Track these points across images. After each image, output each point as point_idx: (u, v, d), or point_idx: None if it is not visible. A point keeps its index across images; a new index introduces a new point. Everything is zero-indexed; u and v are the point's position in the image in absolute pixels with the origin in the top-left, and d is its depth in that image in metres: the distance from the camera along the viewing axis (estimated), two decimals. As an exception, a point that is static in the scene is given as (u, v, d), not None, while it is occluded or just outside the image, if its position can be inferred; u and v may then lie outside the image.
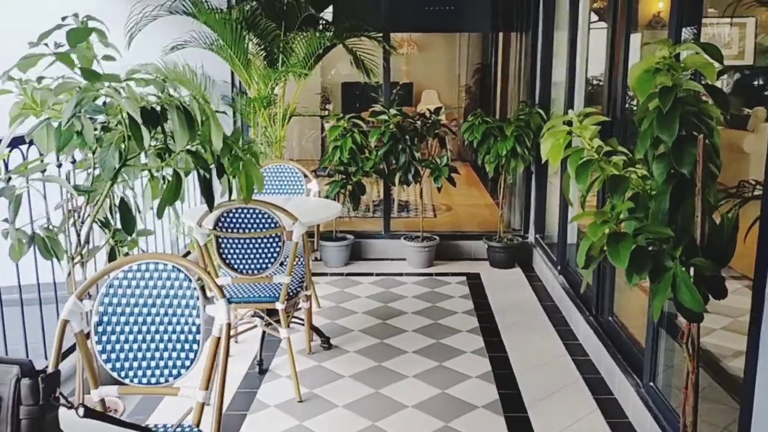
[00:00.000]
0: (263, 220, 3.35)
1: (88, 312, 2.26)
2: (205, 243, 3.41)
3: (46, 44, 2.45)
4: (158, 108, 2.50)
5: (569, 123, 2.41)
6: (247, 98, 5.41)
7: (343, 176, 5.66)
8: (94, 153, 2.65)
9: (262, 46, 5.19)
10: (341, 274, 5.60)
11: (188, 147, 2.61)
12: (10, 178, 2.55)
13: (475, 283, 5.40)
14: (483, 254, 5.98)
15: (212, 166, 2.67)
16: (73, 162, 2.98)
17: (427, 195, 7.33)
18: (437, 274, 5.61)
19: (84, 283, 2.26)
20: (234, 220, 3.35)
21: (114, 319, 2.21)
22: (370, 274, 5.60)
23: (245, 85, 5.43)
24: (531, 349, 4.10)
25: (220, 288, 2.22)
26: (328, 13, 5.70)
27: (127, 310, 2.23)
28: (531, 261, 5.91)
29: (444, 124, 5.78)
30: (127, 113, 2.42)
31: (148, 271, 2.27)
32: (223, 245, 3.41)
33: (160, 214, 2.65)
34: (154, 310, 2.23)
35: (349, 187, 5.65)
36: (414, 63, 11.52)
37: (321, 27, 5.02)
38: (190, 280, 2.25)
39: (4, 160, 2.69)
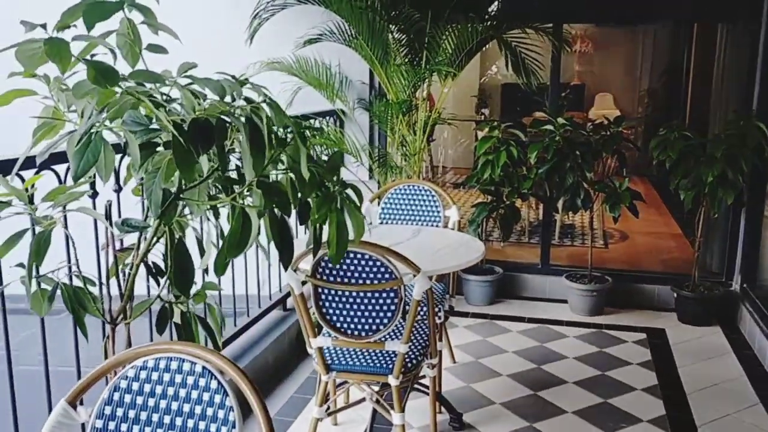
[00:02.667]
0: (375, 269, 2.49)
1: (84, 425, 1.53)
2: (302, 292, 2.62)
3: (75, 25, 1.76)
4: (215, 120, 1.71)
5: None
6: (384, 101, 4.60)
7: (493, 197, 4.68)
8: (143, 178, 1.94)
9: (403, 41, 4.35)
10: (485, 316, 4.63)
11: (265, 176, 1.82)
12: (35, 209, 1.90)
13: (658, 344, 4.18)
14: (669, 303, 4.71)
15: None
16: (118, 189, 2.31)
17: (597, 220, 6.11)
18: (608, 327, 4.44)
19: (77, 384, 1.53)
20: (337, 267, 2.52)
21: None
22: (521, 319, 4.57)
23: (384, 87, 4.62)
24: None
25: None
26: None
27: (135, 429, 1.47)
28: (735, 318, 4.55)
29: (626, 138, 4.59)
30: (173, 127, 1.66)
31: (167, 371, 1.49)
32: (323, 297, 2.59)
33: (218, 271, 1.88)
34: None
35: (500, 211, 4.66)
36: (587, 62, 10.17)
37: (474, 16, 4.05)
38: (225, 393, 1.44)
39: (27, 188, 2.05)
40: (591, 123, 8.87)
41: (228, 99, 1.76)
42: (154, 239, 1.94)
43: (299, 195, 1.86)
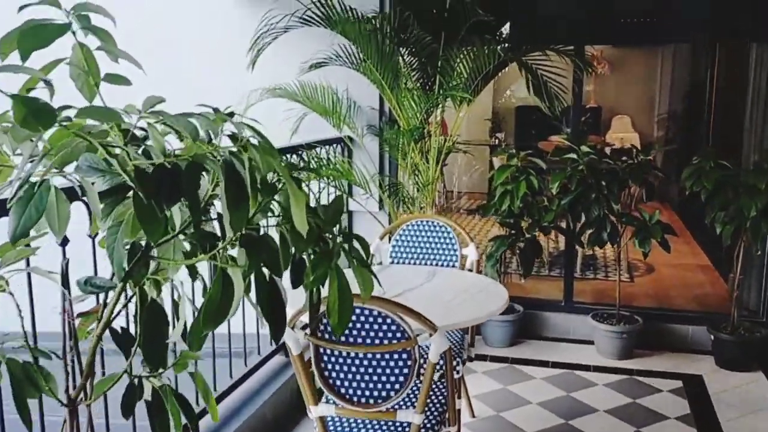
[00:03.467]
0: (385, 327, 2.16)
1: None
2: (301, 352, 2.29)
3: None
4: (185, 165, 1.40)
5: None
6: (396, 128, 4.30)
7: (512, 230, 4.34)
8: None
9: (415, 64, 4.06)
10: (505, 360, 4.26)
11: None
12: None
13: (696, 393, 3.80)
14: (703, 345, 4.34)
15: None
16: (92, 237, 1.99)
17: (622, 252, 5.74)
18: (639, 373, 4.07)
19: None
20: (341, 324, 2.19)
21: None
22: (545, 364, 4.21)
23: (395, 113, 4.32)
24: None
25: None
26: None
27: None
28: (779, 362, 4.17)
29: (655, 166, 4.26)
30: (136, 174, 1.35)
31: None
32: (325, 358, 2.26)
33: (193, 346, 1.55)
34: None
35: (520, 245, 4.32)
36: (603, 83, 9.85)
37: (490, 38, 3.74)
38: None
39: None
40: (609, 146, 8.57)
41: (216, 136, 1.46)
42: (119, 304, 1.62)
43: (292, 251, 1.54)
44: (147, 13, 5.29)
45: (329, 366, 2.25)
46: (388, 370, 2.20)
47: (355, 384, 2.24)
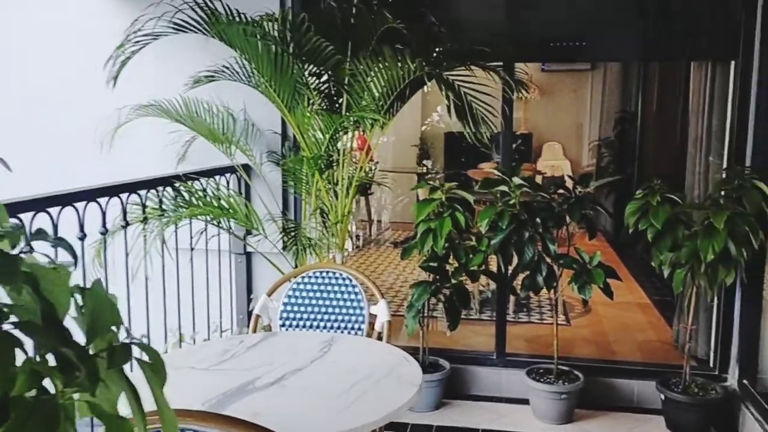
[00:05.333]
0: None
1: None
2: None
3: None
4: None
5: None
6: (298, 156, 3.64)
7: (436, 275, 3.73)
8: None
9: (317, 82, 3.42)
10: (429, 430, 3.61)
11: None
12: None
13: (649, 468, 3.25)
14: (651, 402, 3.82)
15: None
16: None
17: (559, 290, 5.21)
18: (582, 441, 3.50)
19: None
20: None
21: None
22: (475, 432, 3.59)
23: (298, 137, 3.65)
24: None
25: None
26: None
27: None
28: (736, 422, 3.67)
29: (595, 200, 3.74)
30: None
31: None
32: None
33: None
34: None
35: (445, 293, 3.71)
36: (533, 110, 9.50)
37: (403, 48, 3.12)
38: None
39: None
40: (541, 175, 8.16)
41: None
42: None
43: None
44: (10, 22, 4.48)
45: None
46: None
47: None
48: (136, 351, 0.78)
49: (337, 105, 3.48)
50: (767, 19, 3.51)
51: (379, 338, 2.60)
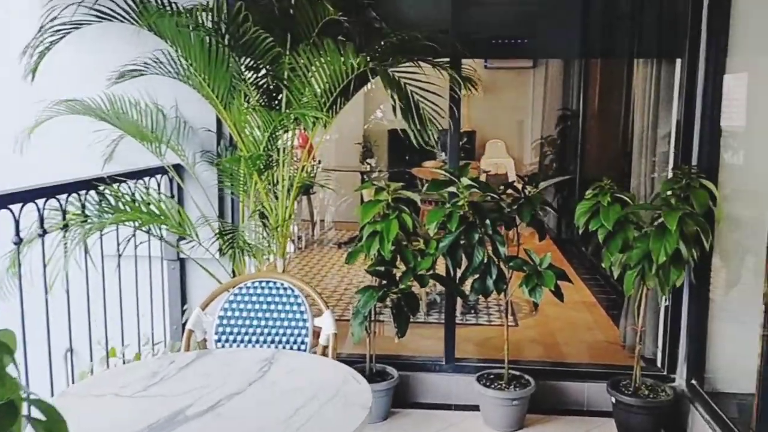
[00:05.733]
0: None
1: None
2: None
3: None
4: None
5: None
6: (234, 155, 3.41)
7: (384, 280, 3.57)
8: None
9: (256, 74, 3.20)
10: (377, 442, 3.46)
11: None
12: None
13: (602, 474, 3.18)
14: (602, 404, 3.76)
15: None
16: None
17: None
18: (535, 449, 3.40)
19: None
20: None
21: None
22: (424, 444, 3.44)
23: (234, 135, 3.42)
24: None
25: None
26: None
27: None
28: (685, 423, 3.65)
29: (546, 201, 3.65)
30: None
31: None
32: None
33: None
34: None
35: (393, 298, 3.55)
36: (477, 107, 9.46)
37: (345, 40, 2.92)
38: None
39: None
40: (485, 173, 8.10)
41: None
42: None
43: None
44: None
45: None
46: None
47: None
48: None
49: (276, 101, 3.27)
50: (713, 17, 3.48)
51: (324, 353, 2.41)
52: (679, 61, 3.77)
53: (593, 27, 4.15)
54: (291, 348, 2.47)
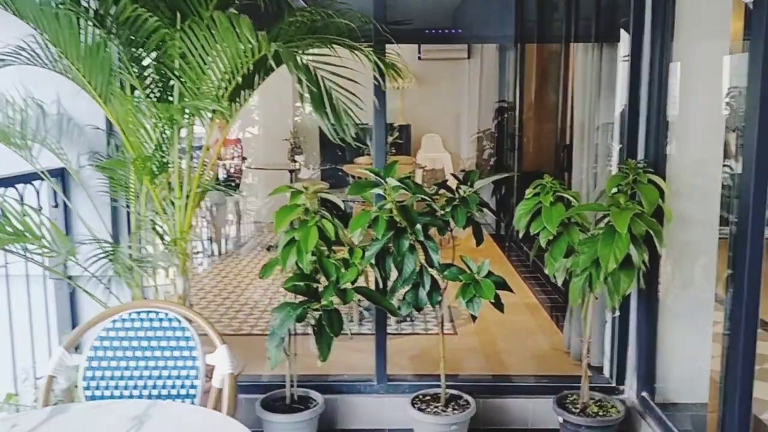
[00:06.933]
0: None
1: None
2: None
3: None
4: None
5: None
6: (121, 157, 2.91)
7: (303, 296, 3.14)
8: None
9: (140, 63, 2.70)
10: (298, 482, 3.02)
11: None
12: None
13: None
14: (547, 422, 3.44)
15: None
16: None
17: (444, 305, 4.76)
18: (476, 480, 3.04)
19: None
20: None
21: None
22: (353, 481, 3.03)
23: (120, 133, 2.91)
24: None
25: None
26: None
27: None
28: (636, 439, 3.37)
29: (483, 201, 3.28)
30: None
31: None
32: None
33: None
34: None
35: (315, 315, 3.12)
36: (411, 100, 9.10)
37: (241, 18, 2.45)
38: None
39: None
40: (421, 168, 7.75)
41: None
42: None
43: None
44: None
45: None
46: None
47: None
48: None
49: (168, 93, 2.78)
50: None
51: (219, 398, 1.97)
52: (620, 44, 3.47)
53: (530, 10, 3.83)
54: (178, 393, 2.01)
